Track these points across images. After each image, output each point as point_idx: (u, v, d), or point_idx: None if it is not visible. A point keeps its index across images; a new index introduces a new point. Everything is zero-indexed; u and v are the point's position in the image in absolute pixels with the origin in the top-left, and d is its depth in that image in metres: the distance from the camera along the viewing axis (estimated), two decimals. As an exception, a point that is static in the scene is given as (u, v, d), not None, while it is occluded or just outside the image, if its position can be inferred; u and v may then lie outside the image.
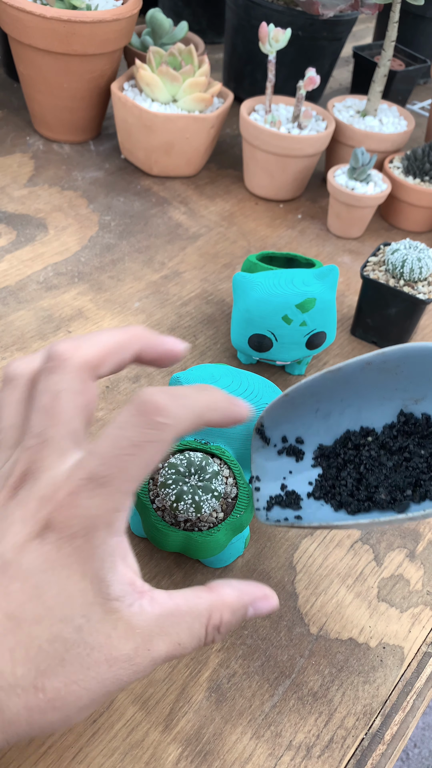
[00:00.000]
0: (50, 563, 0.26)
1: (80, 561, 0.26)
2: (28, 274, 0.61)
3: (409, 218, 0.75)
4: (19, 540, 0.26)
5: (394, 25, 0.70)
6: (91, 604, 0.26)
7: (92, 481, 0.26)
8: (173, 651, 0.28)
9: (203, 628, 0.28)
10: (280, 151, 0.71)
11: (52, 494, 0.26)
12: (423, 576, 0.45)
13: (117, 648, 0.26)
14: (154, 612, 0.27)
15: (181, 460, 0.39)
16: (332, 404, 0.38)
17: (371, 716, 0.38)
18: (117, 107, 0.72)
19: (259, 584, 0.30)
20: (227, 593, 0.29)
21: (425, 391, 0.36)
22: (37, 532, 0.26)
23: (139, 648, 0.27)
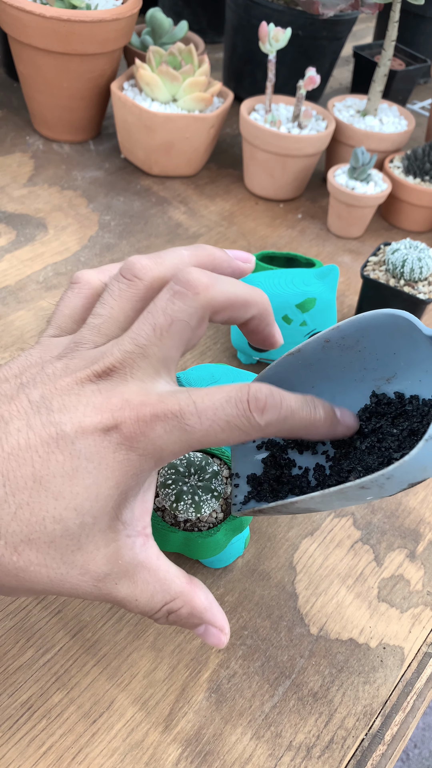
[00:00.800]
0: (100, 457, 0.26)
1: (123, 471, 0.27)
2: (28, 273, 0.61)
3: (409, 218, 0.75)
4: (85, 423, 0.26)
5: (395, 24, 0.70)
6: (105, 513, 0.27)
7: (179, 420, 0.27)
8: (127, 601, 0.28)
9: (161, 603, 0.29)
10: (280, 150, 0.70)
11: (138, 405, 0.27)
12: (423, 576, 0.45)
13: (96, 563, 0.27)
14: (139, 556, 0.28)
15: (181, 460, 0.39)
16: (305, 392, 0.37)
17: (371, 717, 0.38)
18: (117, 107, 0.72)
19: (226, 618, 0.31)
20: (199, 597, 0.30)
21: (394, 368, 0.35)
22: (106, 426, 0.26)
23: (110, 575, 0.28)
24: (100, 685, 0.37)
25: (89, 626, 0.39)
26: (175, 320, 0.28)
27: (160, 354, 0.28)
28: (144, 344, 0.28)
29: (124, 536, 0.28)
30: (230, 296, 0.30)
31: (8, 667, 0.37)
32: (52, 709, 0.36)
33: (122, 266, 0.31)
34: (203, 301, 0.29)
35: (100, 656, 0.38)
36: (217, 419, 0.27)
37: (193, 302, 0.28)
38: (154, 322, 0.28)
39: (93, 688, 0.37)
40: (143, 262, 0.30)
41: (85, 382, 0.27)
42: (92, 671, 0.37)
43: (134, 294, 0.30)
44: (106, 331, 0.30)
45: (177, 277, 0.29)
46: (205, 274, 0.29)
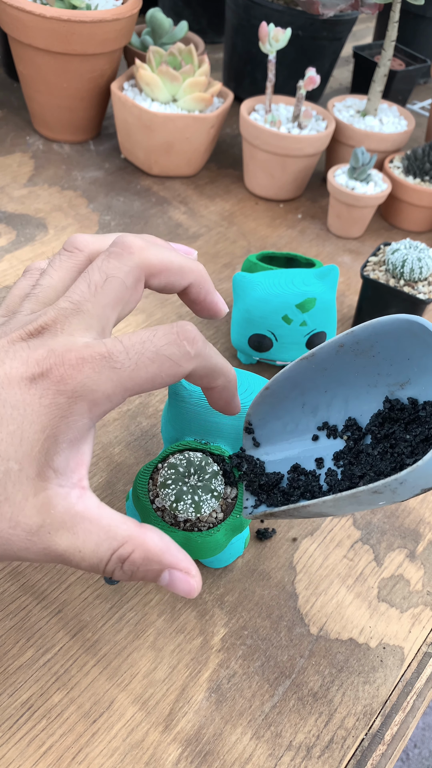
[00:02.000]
0: (25, 404, 0.26)
1: (50, 415, 0.26)
2: (28, 273, 0.61)
3: (409, 218, 0.75)
4: (12, 373, 0.27)
5: (394, 24, 0.70)
6: (32, 458, 0.26)
7: (108, 360, 0.27)
8: (70, 554, 0.27)
9: (109, 551, 0.27)
10: (280, 150, 0.70)
11: (64, 352, 0.27)
12: (423, 576, 0.45)
13: (25, 514, 0.26)
14: (76, 507, 0.27)
15: (181, 460, 0.39)
16: (318, 397, 0.37)
17: (371, 716, 0.38)
18: (117, 107, 0.72)
19: (190, 559, 0.29)
20: (152, 538, 0.28)
21: (408, 374, 0.35)
22: (32, 374, 0.27)
23: (44, 527, 0.26)
24: (100, 685, 0.37)
25: (89, 626, 0.39)
26: (110, 276, 0.29)
27: (94, 311, 0.28)
28: (78, 300, 0.28)
29: (56, 485, 0.27)
30: (164, 260, 0.30)
31: (8, 667, 0.37)
32: (52, 709, 0.36)
33: (65, 242, 0.32)
34: (138, 260, 0.29)
35: (100, 656, 0.38)
36: (145, 350, 0.27)
37: (128, 261, 0.29)
38: (89, 279, 0.29)
39: (93, 688, 0.37)
40: (84, 237, 0.32)
41: (16, 341, 0.28)
42: (92, 671, 0.37)
43: (74, 264, 0.31)
44: (44, 299, 0.30)
45: (114, 241, 0.30)
46: (141, 237, 0.30)
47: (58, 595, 0.40)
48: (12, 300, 0.32)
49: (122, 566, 0.28)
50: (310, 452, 0.38)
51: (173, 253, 0.31)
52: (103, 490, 0.46)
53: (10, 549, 0.26)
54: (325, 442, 0.38)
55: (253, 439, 0.38)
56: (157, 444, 0.49)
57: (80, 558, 0.27)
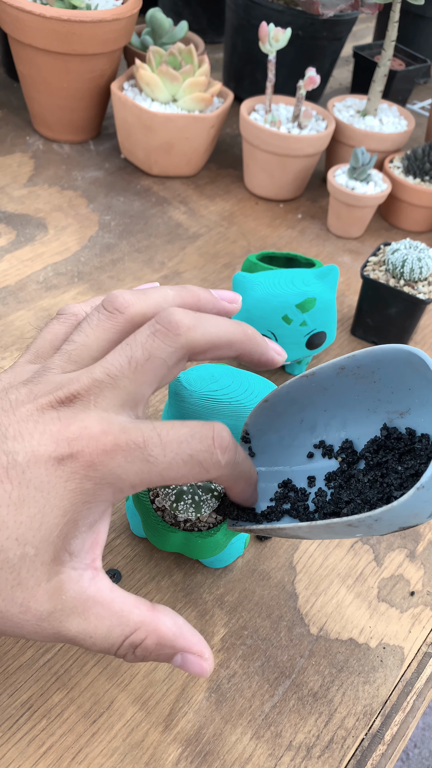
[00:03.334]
0: (50, 486, 0.25)
1: (74, 500, 0.26)
2: (28, 274, 0.61)
3: (409, 218, 0.75)
4: (39, 451, 0.26)
5: (394, 24, 0.70)
6: (49, 542, 0.26)
7: (142, 452, 0.26)
8: (81, 639, 0.27)
9: (121, 638, 0.27)
10: (280, 150, 0.70)
11: (98, 433, 0.26)
12: (423, 576, 0.45)
13: (36, 600, 0.26)
14: (88, 591, 0.27)
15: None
16: (316, 415, 0.37)
17: (371, 716, 0.38)
18: (117, 107, 0.72)
19: (203, 641, 0.29)
20: (165, 623, 0.28)
21: (409, 404, 0.34)
22: (60, 455, 0.26)
23: (54, 614, 0.26)
24: (100, 685, 0.37)
25: (89, 626, 0.39)
26: (153, 356, 0.28)
27: (131, 388, 0.27)
28: (116, 375, 0.27)
29: (69, 569, 0.26)
30: (212, 338, 0.29)
31: (8, 667, 0.37)
32: (52, 709, 0.36)
33: (105, 298, 0.30)
34: (184, 342, 0.28)
35: (100, 656, 0.38)
36: (180, 452, 0.27)
37: (173, 342, 0.28)
38: (131, 355, 0.28)
39: (93, 688, 0.37)
40: (126, 297, 0.30)
41: (45, 409, 0.27)
42: (92, 671, 0.37)
43: (112, 326, 0.29)
44: (77, 358, 0.29)
45: (160, 316, 0.28)
46: (189, 314, 0.29)
47: (58, 595, 0.40)
48: (42, 346, 0.31)
49: (134, 651, 0.28)
50: (304, 469, 0.38)
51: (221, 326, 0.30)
52: (103, 490, 0.46)
53: (20, 632, 0.26)
54: (320, 462, 0.37)
55: (249, 449, 0.38)
56: (157, 444, 0.49)
57: (91, 643, 0.27)
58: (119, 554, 0.42)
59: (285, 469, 0.38)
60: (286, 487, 0.37)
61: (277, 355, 0.33)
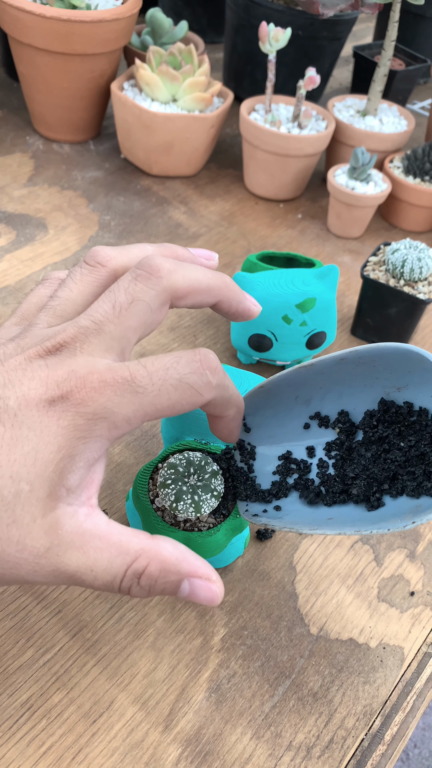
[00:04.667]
0: (43, 426, 0.26)
1: (68, 436, 0.26)
2: (28, 273, 0.61)
3: (409, 218, 0.75)
4: (30, 395, 0.26)
5: (395, 24, 0.70)
6: (45, 478, 0.26)
7: (130, 384, 0.26)
8: (82, 573, 0.26)
9: (123, 567, 0.27)
10: (280, 150, 0.70)
11: (85, 374, 0.26)
12: (423, 576, 0.45)
13: (32, 536, 0.26)
14: (84, 525, 0.26)
15: (181, 460, 0.39)
16: (312, 391, 0.37)
17: (371, 717, 0.38)
18: (117, 107, 0.72)
19: (208, 565, 0.28)
20: (166, 548, 0.27)
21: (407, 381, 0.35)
22: (51, 397, 0.26)
23: (52, 549, 0.26)
24: (100, 685, 0.37)
25: (89, 626, 0.39)
26: (136, 300, 0.28)
27: (117, 332, 0.28)
28: (100, 320, 0.28)
29: (65, 504, 0.26)
30: (192, 282, 0.30)
31: (8, 667, 0.37)
32: (52, 709, 0.36)
33: (87, 255, 0.31)
34: (165, 284, 0.29)
35: (100, 656, 0.38)
36: (168, 377, 0.27)
37: (155, 285, 0.29)
38: (115, 300, 0.28)
39: (93, 688, 0.37)
40: (107, 251, 0.31)
41: (33, 359, 0.27)
42: (92, 671, 0.37)
43: (95, 279, 0.30)
44: (61, 312, 0.30)
45: (141, 262, 0.29)
46: (168, 260, 0.30)
47: (58, 595, 0.40)
48: (27, 308, 0.31)
49: (139, 581, 0.27)
50: (301, 440, 0.38)
51: (200, 271, 0.31)
52: (103, 490, 0.46)
53: (18, 573, 0.26)
54: (317, 431, 0.37)
55: (245, 425, 0.38)
56: (157, 444, 0.49)
57: (93, 577, 0.26)
58: (119, 554, 0.42)
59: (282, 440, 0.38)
60: (287, 460, 0.37)
61: (254, 306, 0.33)
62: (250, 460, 0.38)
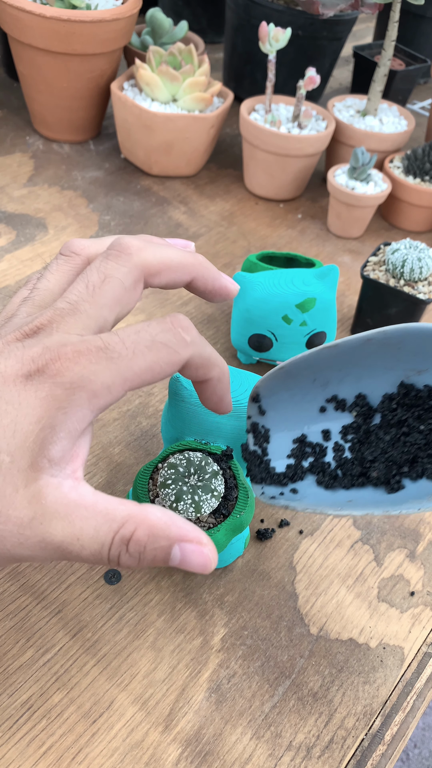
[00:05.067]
0: (21, 399, 0.26)
1: (47, 407, 0.26)
2: (28, 273, 0.61)
3: (409, 218, 0.75)
4: (7, 372, 0.26)
5: (395, 24, 0.70)
6: (25, 449, 0.26)
7: (104, 351, 0.27)
8: (68, 543, 0.26)
9: (110, 534, 0.26)
10: (280, 150, 0.70)
11: (59, 347, 0.27)
12: (423, 576, 0.45)
13: (15, 506, 0.25)
14: (69, 495, 0.26)
15: (181, 460, 0.39)
16: (330, 374, 0.36)
17: (371, 717, 0.38)
18: (117, 107, 0.72)
19: (198, 528, 0.28)
20: (154, 513, 0.27)
21: (429, 364, 0.34)
22: (28, 371, 0.26)
23: (36, 519, 0.26)
24: (100, 685, 0.37)
25: (89, 626, 0.39)
26: (108, 277, 0.29)
27: (92, 311, 0.28)
28: (75, 300, 0.28)
29: (48, 475, 0.26)
30: (163, 259, 0.30)
31: (8, 667, 0.37)
32: (52, 709, 0.36)
33: (62, 246, 0.32)
34: (137, 260, 0.29)
35: (100, 656, 0.38)
36: (141, 339, 0.27)
37: (126, 261, 0.29)
38: (88, 280, 0.29)
39: (93, 688, 0.37)
40: (81, 241, 0.32)
41: (11, 342, 0.27)
42: (92, 671, 0.37)
43: (71, 267, 0.31)
44: (40, 302, 0.30)
45: (111, 243, 0.30)
46: (138, 238, 0.30)
47: (58, 595, 0.40)
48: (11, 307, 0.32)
49: (127, 548, 0.26)
50: (317, 423, 0.37)
51: (172, 250, 0.31)
52: (103, 490, 0.46)
53: (4, 547, 0.26)
54: (333, 414, 0.37)
55: (259, 407, 0.38)
56: (157, 444, 0.49)
57: (80, 547, 0.26)
58: (119, 554, 0.42)
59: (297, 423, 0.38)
60: (302, 443, 0.37)
61: (231, 284, 0.33)
62: (264, 443, 0.38)
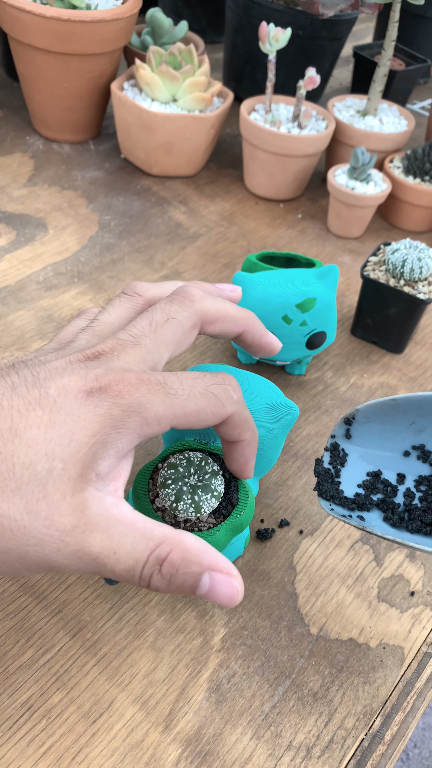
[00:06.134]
0: (80, 412, 0.27)
1: (103, 424, 0.27)
2: (28, 273, 0.61)
3: (409, 218, 0.75)
4: (70, 386, 0.28)
5: (395, 24, 0.70)
6: (77, 459, 0.27)
7: (163, 386, 0.29)
8: (105, 556, 0.27)
9: (146, 552, 0.27)
10: (280, 150, 0.70)
11: (123, 372, 0.28)
12: (423, 576, 0.45)
13: (60, 512, 0.26)
14: (111, 510, 0.27)
15: (181, 460, 0.39)
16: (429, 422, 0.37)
17: (371, 717, 0.38)
18: (117, 107, 0.72)
19: (229, 562, 0.28)
20: (189, 538, 0.28)
21: None
22: (90, 388, 0.28)
23: (77, 528, 0.26)
24: (100, 685, 0.37)
25: (89, 626, 0.39)
26: (171, 318, 0.31)
27: (152, 347, 0.30)
28: (137, 334, 0.30)
29: (94, 488, 0.27)
30: (221, 310, 0.33)
31: (8, 667, 0.37)
32: (52, 709, 0.36)
33: (125, 287, 0.34)
34: (198, 308, 0.32)
35: (100, 656, 0.38)
36: (196, 385, 0.30)
37: (189, 307, 0.32)
38: (152, 317, 0.31)
39: (93, 688, 0.37)
40: (144, 284, 0.34)
41: (74, 362, 0.29)
42: (92, 671, 0.37)
43: (133, 306, 0.33)
44: (100, 332, 0.32)
45: (176, 290, 0.33)
46: (200, 290, 0.33)
47: (58, 595, 0.40)
48: (64, 336, 0.34)
49: (160, 569, 0.27)
50: (396, 464, 0.38)
51: (229, 303, 0.34)
52: (103, 490, 0.46)
53: (42, 551, 0.26)
54: (413, 462, 0.38)
55: (347, 431, 0.38)
56: (157, 444, 0.49)
57: (115, 561, 0.27)
58: (119, 554, 0.42)
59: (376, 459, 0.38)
60: (375, 478, 0.37)
61: (275, 341, 0.36)
62: (339, 465, 0.38)
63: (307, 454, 0.50)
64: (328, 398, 0.55)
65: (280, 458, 0.50)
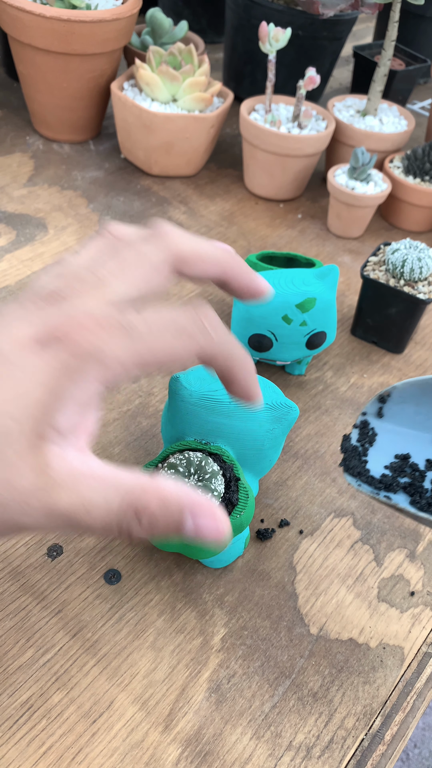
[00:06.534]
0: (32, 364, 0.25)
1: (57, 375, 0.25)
2: (28, 273, 0.61)
3: (409, 218, 0.74)
4: (20, 336, 0.26)
5: (395, 24, 0.70)
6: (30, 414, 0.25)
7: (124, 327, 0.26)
8: (76, 513, 0.25)
9: (121, 504, 0.25)
10: (280, 150, 0.70)
11: (79, 316, 0.26)
12: (423, 576, 0.45)
13: (20, 474, 0.25)
14: (75, 465, 0.26)
15: (181, 460, 0.39)
16: None
17: (371, 717, 0.38)
18: (117, 107, 0.72)
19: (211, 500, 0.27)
20: (164, 482, 0.26)
21: None
22: (43, 336, 0.26)
23: (40, 489, 0.25)
24: (100, 685, 0.37)
25: (89, 626, 0.39)
26: (142, 258, 0.29)
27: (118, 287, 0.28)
28: (103, 275, 0.28)
29: (54, 445, 0.25)
30: (196, 248, 0.30)
31: (8, 667, 0.37)
32: (52, 709, 0.36)
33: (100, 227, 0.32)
34: (170, 244, 0.29)
35: (100, 656, 0.38)
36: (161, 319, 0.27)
37: (159, 243, 0.29)
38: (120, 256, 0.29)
39: (93, 688, 0.37)
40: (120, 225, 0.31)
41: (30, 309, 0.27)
42: (92, 671, 0.37)
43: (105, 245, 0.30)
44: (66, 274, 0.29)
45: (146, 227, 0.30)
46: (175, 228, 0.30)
47: (58, 595, 0.40)
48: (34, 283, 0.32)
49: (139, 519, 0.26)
50: (426, 450, 0.37)
51: (206, 243, 0.31)
52: (103, 490, 0.46)
53: (7, 514, 0.25)
54: None
55: (380, 409, 0.38)
56: (157, 444, 0.49)
57: (89, 517, 0.25)
58: (119, 554, 0.42)
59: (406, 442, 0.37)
60: (404, 461, 0.37)
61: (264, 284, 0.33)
62: (367, 444, 0.38)
63: (307, 454, 0.50)
64: (328, 398, 0.55)
65: (280, 458, 0.50)
